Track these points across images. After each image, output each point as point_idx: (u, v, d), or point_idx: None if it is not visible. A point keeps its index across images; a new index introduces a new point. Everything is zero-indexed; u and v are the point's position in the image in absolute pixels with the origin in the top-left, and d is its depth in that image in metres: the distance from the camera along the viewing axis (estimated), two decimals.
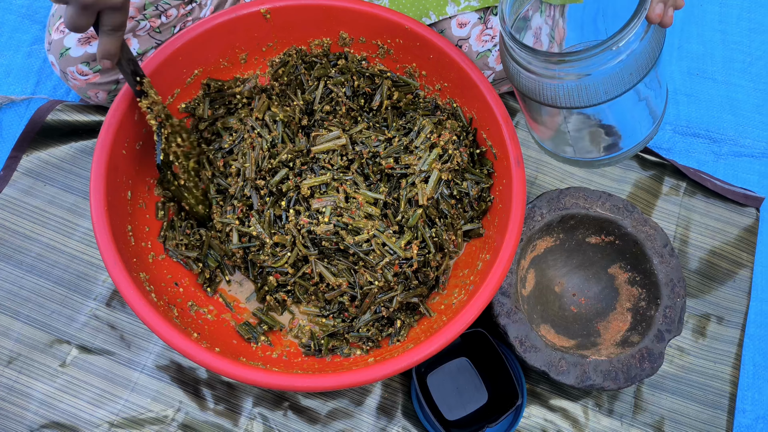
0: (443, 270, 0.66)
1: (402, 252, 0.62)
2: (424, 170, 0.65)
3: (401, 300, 0.64)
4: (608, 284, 0.74)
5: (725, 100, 0.90)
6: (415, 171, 0.66)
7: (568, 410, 0.72)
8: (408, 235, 0.64)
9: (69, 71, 0.69)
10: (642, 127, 0.58)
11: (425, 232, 0.65)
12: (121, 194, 0.62)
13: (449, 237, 0.67)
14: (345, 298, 0.65)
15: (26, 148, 0.76)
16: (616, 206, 0.70)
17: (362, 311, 0.64)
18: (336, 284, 0.64)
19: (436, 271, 0.66)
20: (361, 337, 0.64)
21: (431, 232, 0.65)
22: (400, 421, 0.70)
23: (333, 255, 0.64)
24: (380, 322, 0.65)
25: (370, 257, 0.63)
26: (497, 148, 0.66)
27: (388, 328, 0.65)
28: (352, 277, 0.64)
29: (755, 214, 0.82)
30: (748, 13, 0.95)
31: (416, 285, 0.65)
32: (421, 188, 0.65)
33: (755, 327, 0.79)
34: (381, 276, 0.63)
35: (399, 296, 0.64)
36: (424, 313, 0.65)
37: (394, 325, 0.65)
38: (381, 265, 0.62)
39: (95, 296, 0.72)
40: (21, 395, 0.68)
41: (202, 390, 0.70)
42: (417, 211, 0.65)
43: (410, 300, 0.64)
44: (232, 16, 0.65)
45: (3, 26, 0.85)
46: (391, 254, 0.62)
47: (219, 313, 0.66)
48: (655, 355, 0.65)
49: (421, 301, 0.65)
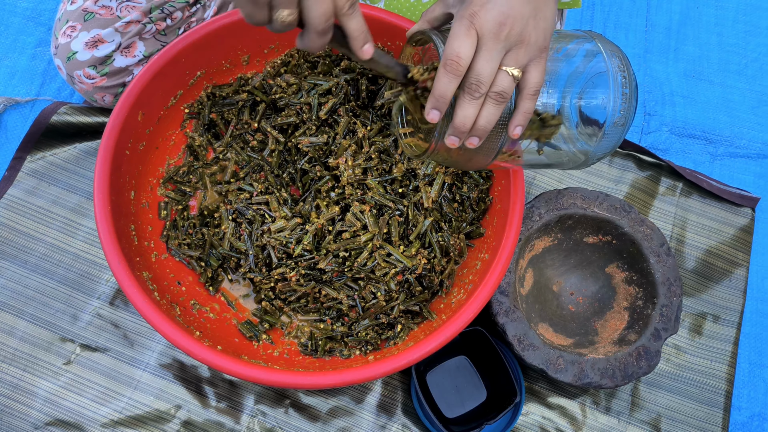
0: (448, 274, 0.66)
1: (409, 262, 0.62)
2: (428, 174, 0.66)
3: (403, 308, 0.64)
4: (606, 283, 0.74)
5: (721, 101, 0.91)
6: (419, 175, 0.66)
7: (566, 408, 0.73)
8: (417, 243, 0.64)
9: (76, 75, 0.70)
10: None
11: (432, 237, 0.65)
12: (125, 194, 0.63)
13: (455, 241, 0.67)
14: (344, 306, 0.65)
15: (31, 149, 0.77)
16: (614, 206, 0.71)
17: (362, 317, 0.65)
18: (336, 297, 0.64)
19: (440, 275, 0.66)
20: (360, 341, 0.64)
21: (437, 237, 0.65)
22: (400, 419, 0.71)
23: (334, 279, 0.65)
24: (380, 326, 0.65)
25: (376, 273, 0.63)
26: None
27: (387, 332, 0.65)
28: (354, 292, 0.64)
29: (751, 214, 0.83)
30: (743, 15, 0.96)
31: (419, 291, 0.65)
32: (425, 191, 0.65)
33: (751, 325, 0.80)
34: (384, 288, 0.63)
35: (401, 305, 0.64)
36: (426, 317, 0.65)
37: (393, 329, 0.65)
38: (387, 278, 0.63)
39: (99, 295, 0.73)
40: (26, 393, 0.68)
41: (204, 388, 0.70)
42: (428, 218, 0.65)
43: (411, 308, 0.65)
44: (234, 18, 0.66)
45: (8, 29, 0.86)
46: (397, 265, 0.62)
47: (221, 311, 0.67)
48: (651, 354, 0.66)
49: (422, 307, 0.65)
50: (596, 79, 0.52)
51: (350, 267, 0.63)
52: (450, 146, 0.45)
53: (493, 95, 0.43)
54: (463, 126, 0.43)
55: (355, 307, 0.65)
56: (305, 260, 0.64)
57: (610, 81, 0.51)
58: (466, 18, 0.41)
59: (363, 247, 0.63)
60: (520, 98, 0.45)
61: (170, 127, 0.69)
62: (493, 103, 0.43)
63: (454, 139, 0.44)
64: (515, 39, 0.42)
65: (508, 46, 0.42)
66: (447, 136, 0.44)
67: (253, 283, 0.68)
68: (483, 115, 0.43)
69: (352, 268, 0.63)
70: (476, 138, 0.45)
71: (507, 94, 0.43)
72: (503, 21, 0.41)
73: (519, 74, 0.43)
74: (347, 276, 0.64)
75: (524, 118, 0.45)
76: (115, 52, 0.70)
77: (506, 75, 0.43)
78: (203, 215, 0.69)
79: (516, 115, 0.45)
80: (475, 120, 0.43)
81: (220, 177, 0.71)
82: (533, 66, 0.44)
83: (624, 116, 0.52)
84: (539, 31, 0.43)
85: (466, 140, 0.45)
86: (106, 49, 0.69)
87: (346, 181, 0.66)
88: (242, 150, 0.71)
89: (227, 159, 0.71)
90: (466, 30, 0.41)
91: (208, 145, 0.71)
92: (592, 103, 0.52)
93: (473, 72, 0.42)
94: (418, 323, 0.65)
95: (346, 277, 0.64)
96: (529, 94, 0.44)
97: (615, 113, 0.52)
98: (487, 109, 0.43)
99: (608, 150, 0.54)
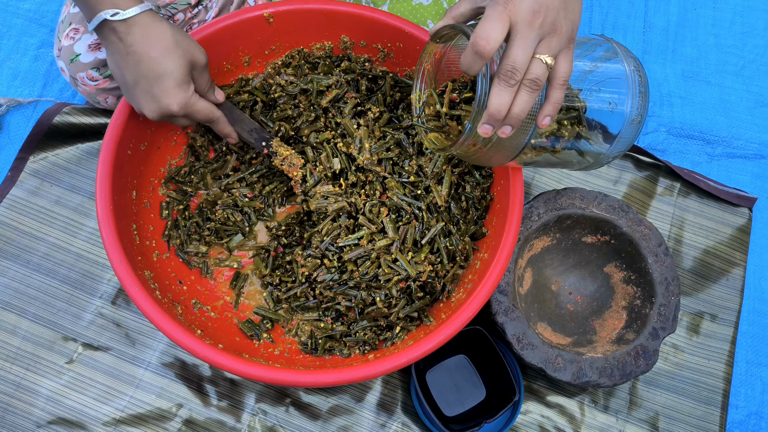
0: (451, 278, 0.65)
1: (413, 271, 0.62)
2: (436, 171, 0.66)
3: (401, 315, 0.64)
4: (604, 283, 0.75)
5: (718, 102, 0.91)
6: (428, 174, 0.66)
7: (565, 406, 0.73)
8: (426, 248, 0.64)
9: (79, 77, 0.70)
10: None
11: (440, 243, 0.64)
12: (127, 194, 0.63)
13: (462, 246, 0.66)
14: (342, 306, 0.65)
15: (33, 149, 0.78)
16: (612, 206, 0.71)
17: (361, 319, 0.65)
18: (333, 296, 0.65)
19: (443, 279, 0.65)
20: (358, 341, 0.64)
21: (446, 242, 0.65)
22: (400, 417, 0.71)
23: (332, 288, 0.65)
24: (378, 327, 0.65)
25: (380, 278, 0.63)
26: None
27: (386, 332, 0.65)
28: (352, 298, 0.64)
29: (748, 214, 0.84)
30: (740, 17, 0.97)
31: (420, 296, 0.64)
32: (436, 190, 0.65)
33: (748, 325, 0.80)
34: (384, 293, 0.63)
35: (400, 312, 0.63)
36: (424, 321, 0.65)
37: (392, 330, 0.65)
38: (390, 285, 0.62)
39: (101, 294, 0.73)
40: (28, 392, 0.69)
41: (206, 387, 0.71)
42: (439, 222, 0.64)
43: (411, 314, 0.64)
44: (235, 20, 0.66)
45: (10, 30, 0.86)
46: (402, 273, 0.62)
47: (222, 310, 0.67)
48: (649, 353, 0.66)
49: (420, 313, 0.65)
50: (611, 79, 0.52)
51: (351, 276, 0.63)
52: (483, 135, 0.45)
53: (528, 83, 0.42)
54: (498, 113, 0.43)
55: (353, 309, 0.65)
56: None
57: (628, 80, 0.52)
58: (500, 4, 0.41)
59: (368, 255, 0.63)
60: (551, 88, 0.45)
61: (171, 128, 0.70)
62: (527, 91, 0.43)
63: (488, 127, 0.44)
64: (548, 28, 0.42)
65: (542, 34, 0.42)
66: (480, 124, 0.44)
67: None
68: (517, 103, 0.43)
69: (353, 278, 0.63)
70: (509, 127, 0.44)
71: (541, 82, 0.43)
72: (537, 9, 0.41)
73: (552, 62, 0.43)
74: (348, 285, 0.64)
75: (554, 108, 0.45)
76: None
77: (540, 63, 0.43)
78: (201, 210, 0.70)
79: (546, 105, 0.45)
80: (509, 108, 0.43)
81: (221, 172, 0.72)
82: (563, 56, 0.44)
83: (640, 114, 0.53)
84: (568, 21, 0.44)
85: (499, 129, 0.45)
86: None
87: (362, 163, 0.66)
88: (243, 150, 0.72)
89: (230, 153, 0.72)
90: (498, 15, 0.41)
91: (209, 146, 0.72)
92: (607, 102, 0.53)
93: (508, 59, 0.42)
94: (417, 326, 0.65)
95: (347, 286, 0.64)
96: (559, 84, 0.44)
97: (633, 111, 0.52)
98: (522, 96, 0.43)
99: (623, 149, 0.55)
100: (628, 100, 0.52)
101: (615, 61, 0.53)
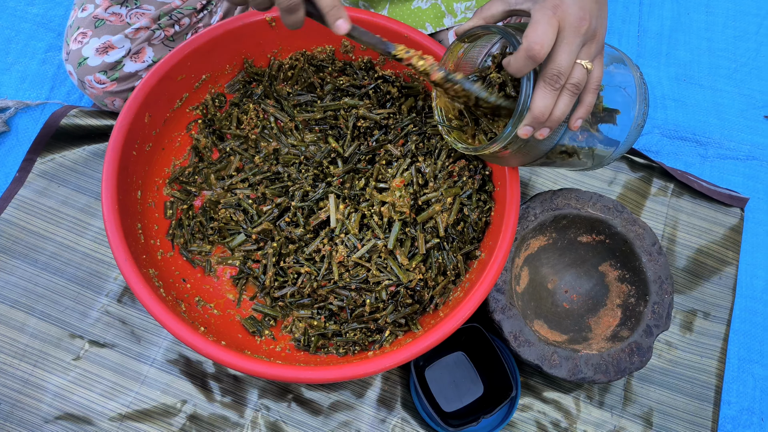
0: (440, 291, 0.65)
1: (404, 278, 0.63)
2: (440, 198, 0.66)
3: (389, 321, 0.64)
4: (599, 281, 0.75)
5: (711, 105, 0.92)
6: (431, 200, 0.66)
7: (561, 402, 0.74)
8: (418, 257, 0.64)
9: (87, 80, 0.71)
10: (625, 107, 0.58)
11: (433, 257, 0.65)
12: (132, 194, 0.64)
13: (453, 264, 0.66)
14: (334, 306, 0.66)
15: (41, 150, 0.79)
16: (607, 206, 0.72)
17: (351, 320, 0.66)
18: (325, 295, 0.65)
19: (432, 290, 0.65)
20: (348, 342, 0.65)
21: (438, 256, 0.65)
22: (400, 413, 0.72)
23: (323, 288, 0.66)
24: (368, 330, 0.66)
25: (370, 281, 0.63)
26: None
27: (375, 335, 0.66)
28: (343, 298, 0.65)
29: (740, 214, 0.84)
30: (733, 21, 0.98)
31: (409, 303, 0.65)
32: (441, 218, 0.65)
33: (740, 322, 0.81)
34: (374, 296, 0.63)
35: (388, 317, 0.64)
36: (411, 328, 0.65)
37: (381, 333, 0.65)
38: (379, 288, 0.63)
39: (107, 293, 0.74)
40: (36, 388, 0.70)
41: (210, 383, 0.72)
42: (435, 238, 0.65)
43: (398, 320, 0.65)
44: (239, 24, 0.66)
45: (19, 34, 0.87)
46: (392, 278, 0.63)
47: (225, 307, 0.68)
48: (644, 349, 0.67)
49: (408, 320, 0.65)
50: (618, 85, 0.54)
51: (341, 277, 0.64)
52: (522, 136, 0.45)
53: (570, 87, 0.43)
54: (542, 116, 0.43)
55: (345, 309, 0.66)
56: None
57: (635, 87, 0.53)
58: (549, 8, 0.42)
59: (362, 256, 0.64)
60: (585, 92, 0.45)
61: (176, 129, 0.71)
62: (568, 95, 0.43)
63: (529, 129, 0.44)
64: (590, 34, 0.43)
65: (585, 40, 0.43)
66: (522, 126, 0.44)
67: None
68: (558, 106, 0.44)
69: (344, 279, 0.64)
70: (547, 129, 0.45)
71: (581, 87, 0.44)
72: (583, 16, 0.42)
73: (591, 68, 0.44)
74: (337, 284, 0.65)
75: (586, 111, 0.46)
76: (125, 58, 0.72)
77: (581, 68, 0.43)
78: (205, 209, 0.71)
79: (579, 108, 0.46)
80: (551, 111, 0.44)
81: (224, 173, 0.73)
82: (597, 61, 0.45)
83: (643, 119, 0.55)
84: (602, 28, 0.45)
85: (538, 131, 0.45)
86: (116, 54, 0.71)
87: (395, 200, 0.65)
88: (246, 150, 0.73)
89: (234, 153, 0.73)
90: (549, 20, 0.41)
91: (212, 147, 0.73)
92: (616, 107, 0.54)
93: (554, 63, 0.42)
94: (405, 332, 0.66)
95: (336, 285, 0.65)
96: (593, 88, 0.45)
97: (639, 116, 0.54)
98: (563, 100, 0.44)
99: (625, 151, 0.57)
100: (636, 106, 0.54)
101: (623, 68, 0.54)
